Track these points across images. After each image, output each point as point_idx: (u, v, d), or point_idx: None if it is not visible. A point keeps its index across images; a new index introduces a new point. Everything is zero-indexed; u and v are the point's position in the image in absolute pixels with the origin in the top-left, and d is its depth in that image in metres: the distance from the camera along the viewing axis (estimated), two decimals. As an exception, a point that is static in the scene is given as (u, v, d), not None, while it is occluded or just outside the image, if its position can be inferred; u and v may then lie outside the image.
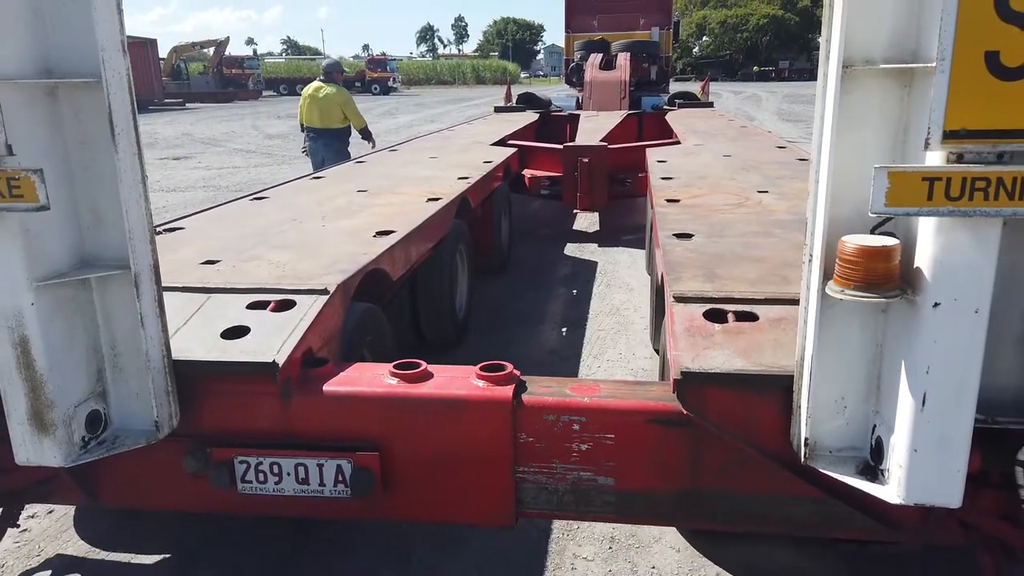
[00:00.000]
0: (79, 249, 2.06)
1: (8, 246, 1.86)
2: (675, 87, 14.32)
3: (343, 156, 7.37)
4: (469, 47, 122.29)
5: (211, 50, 45.80)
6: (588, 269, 6.50)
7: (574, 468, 2.02)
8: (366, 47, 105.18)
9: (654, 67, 12.47)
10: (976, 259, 1.43)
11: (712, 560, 2.62)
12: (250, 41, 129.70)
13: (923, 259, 1.50)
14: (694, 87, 15.48)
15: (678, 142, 6.98)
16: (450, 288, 4.27)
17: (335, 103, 7.47)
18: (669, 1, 13.38)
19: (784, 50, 76.06)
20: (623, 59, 11.27)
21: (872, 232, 1.55)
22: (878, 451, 1.68)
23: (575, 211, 7.93)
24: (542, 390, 2.09)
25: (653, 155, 5.82)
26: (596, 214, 8.31)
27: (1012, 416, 1.61)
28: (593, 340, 4.81)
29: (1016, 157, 1.38)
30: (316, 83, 7.66)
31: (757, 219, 3.46)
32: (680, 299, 2.31)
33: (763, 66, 70.56)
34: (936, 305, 1.47)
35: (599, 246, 7.29)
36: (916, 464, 1.55)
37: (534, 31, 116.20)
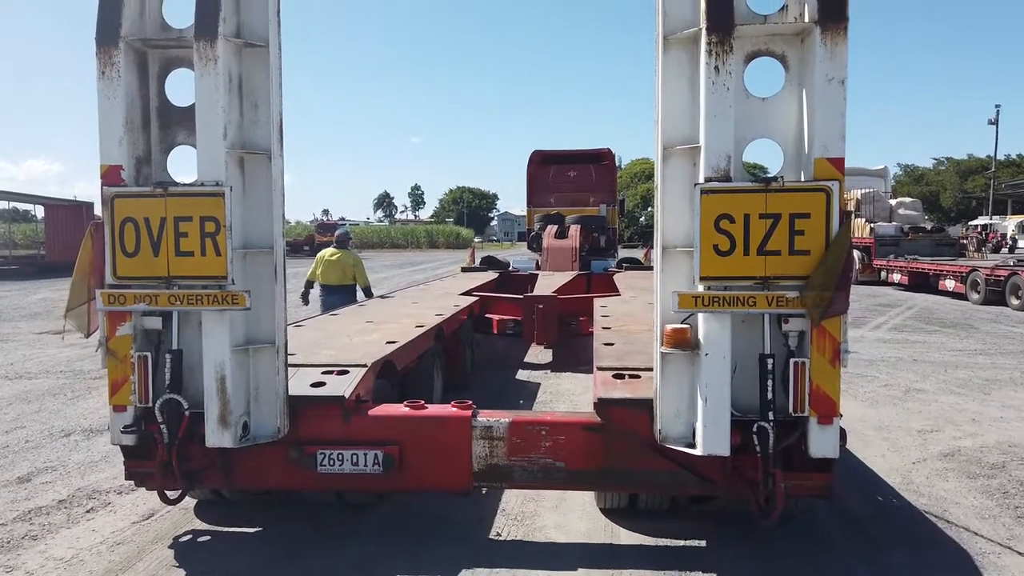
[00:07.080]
0: (245, 332, 3.60)
1: (223, 328, 3.42)
2: (625, 252, 16.73)
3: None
4: (425, 213, 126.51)
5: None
6: (536, 387, 8.13)
7: (542, 456, 3.54)
8: (326, 211, 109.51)
9: (603, 236, 14.72)
10: (721, 333, 3.09)
11: (621, 525, 4.03)
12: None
13: (700, 333, 3.15)
14: (640, 253, 18.02)
15: (619, 294, 8.87)
16: (429, 386, 5.80)
17: (349, 264, 9.11)
18: (614, 184, 16.22)
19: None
20: (574, 230, 13.49)
21: (681, 322, 3.22)
22: (694, 435, 3.22)
23: (531, 345, 9.59)
24: (525, 414, 3.66)
25: (598, 302, 7.76)
26: (549, 350, 9.99)
27: (753, 414, 3.19)
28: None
29: (732, 288, 3.08)
30: (331, 249, 9.32)
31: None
32: (600, 369, 3.98)
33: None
34: (707, 355, 3.10)
35: (551, 371, 8.95)
36: (706, 434, 3.11)
37: (488, 199, 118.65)
